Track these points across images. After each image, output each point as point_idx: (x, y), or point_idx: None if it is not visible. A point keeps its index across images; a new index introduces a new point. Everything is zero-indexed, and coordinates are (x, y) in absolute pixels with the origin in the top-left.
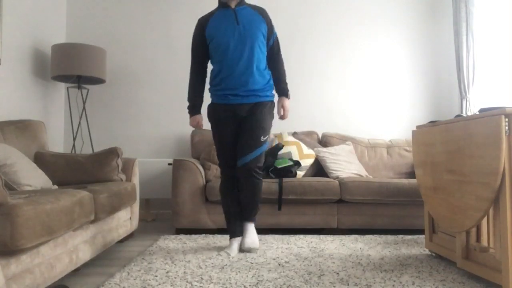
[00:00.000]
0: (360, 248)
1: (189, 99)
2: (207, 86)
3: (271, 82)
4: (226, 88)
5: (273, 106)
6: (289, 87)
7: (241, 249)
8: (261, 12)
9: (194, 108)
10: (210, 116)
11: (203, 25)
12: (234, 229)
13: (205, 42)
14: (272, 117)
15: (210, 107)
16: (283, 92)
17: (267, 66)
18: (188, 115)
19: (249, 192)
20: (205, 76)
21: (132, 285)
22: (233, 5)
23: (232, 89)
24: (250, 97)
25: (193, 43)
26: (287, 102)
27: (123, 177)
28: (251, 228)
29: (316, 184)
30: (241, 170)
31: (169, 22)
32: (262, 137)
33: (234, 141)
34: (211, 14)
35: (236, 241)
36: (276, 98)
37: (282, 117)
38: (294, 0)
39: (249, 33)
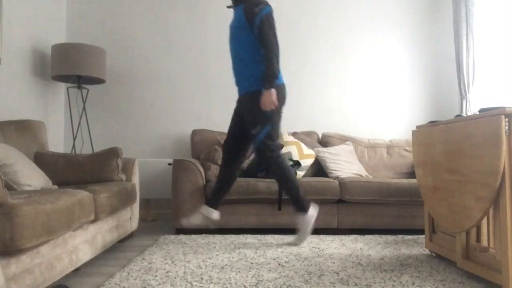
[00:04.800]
0: (360, 248)
1: None
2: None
3: (255, 72)
4: None
5: (257, 95)
6: (289, 87)
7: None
8: (244, 7)
9: None
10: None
11: None
12: (307, 203)
13: None
14: (256, 104)
15: None
16: (262, 81)
17: (254, 58)
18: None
19: (277, 182)
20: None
21: (132, 285)
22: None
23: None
24: (239, 90)
25: None
26: (264, 95)
27: (123, 177)
28: (302, 221)
29: (316, 184)
30: None
31: (169, 22)
32: (252, 131)
33: (234, 128)
34: None
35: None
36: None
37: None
38: (295, 1)
39: (232, 32)
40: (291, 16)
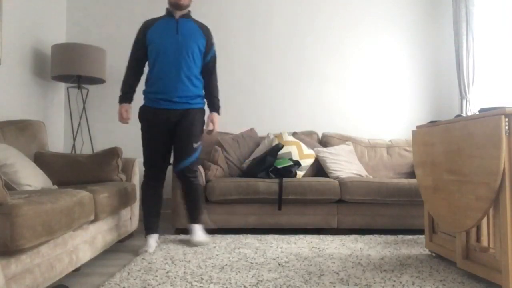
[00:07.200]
0: (360, 248)
1: (121, 90)
2: (141, 87)
3: (202, 92)
4: (157, 92)
5: (203, 113)
6: (289, 86)
7: (192, 244)
8: (203, 29)
9: (123, 97)
10: (141, 118)
11: (146, 27)
12: (151, 226)
13: (145, 43)
14: (203, 123)
15: (141, 109)
16: (214, 107)
17: (200, 78)
18: None
19: (191, 196)
20: (140, 74)
21: (132, 285)
22: (177, 16)
23: (162, 93)
24: (180, 103)
25: (135, 41)
26: (216, 118)
27: (123, 177)
28: (198, 228)
29: (316, 184)
30: (179, 175)
31: None
32: (194, 144)
33: (164, 144)
34: (156, 19)
35: (153, 238)
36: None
37: (209, 132)
38: (294, 0)
39: (185, 44)
40: (290, 15)
